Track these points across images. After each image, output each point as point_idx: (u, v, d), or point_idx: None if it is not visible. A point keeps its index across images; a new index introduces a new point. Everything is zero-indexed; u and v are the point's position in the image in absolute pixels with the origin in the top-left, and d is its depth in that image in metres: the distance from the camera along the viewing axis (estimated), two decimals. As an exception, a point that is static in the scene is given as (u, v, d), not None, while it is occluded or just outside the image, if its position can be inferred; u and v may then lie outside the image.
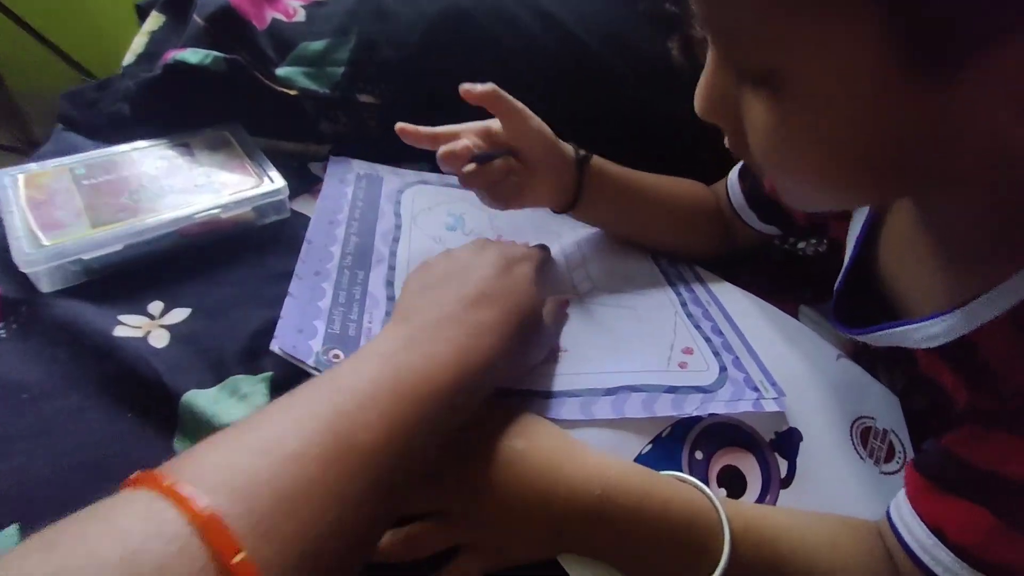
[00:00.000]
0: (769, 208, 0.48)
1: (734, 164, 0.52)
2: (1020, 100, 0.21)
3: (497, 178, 0.43)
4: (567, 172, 0.45)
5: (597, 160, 0.47)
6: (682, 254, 0.54)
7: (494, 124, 0.43)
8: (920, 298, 0.36)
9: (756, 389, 0.41)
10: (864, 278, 0.41)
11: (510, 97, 0.41)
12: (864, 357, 0.45)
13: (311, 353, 0.37)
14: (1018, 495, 0.27)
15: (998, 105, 0.21)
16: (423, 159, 0.57)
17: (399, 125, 0.43)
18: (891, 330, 0.36)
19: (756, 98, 0.26)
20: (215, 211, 0.44)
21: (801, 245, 0.56)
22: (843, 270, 0.41)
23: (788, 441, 0.40)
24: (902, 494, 0.33)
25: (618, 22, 0.55)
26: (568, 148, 0.46)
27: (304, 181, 0.53)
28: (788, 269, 0.53)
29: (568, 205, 0.47)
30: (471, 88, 0.40)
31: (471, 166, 0.42)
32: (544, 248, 0.46)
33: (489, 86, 0.40)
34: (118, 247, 0.41)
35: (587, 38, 0.46)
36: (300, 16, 0.54)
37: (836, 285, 0.42)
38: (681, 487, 0.33)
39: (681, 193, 0.52)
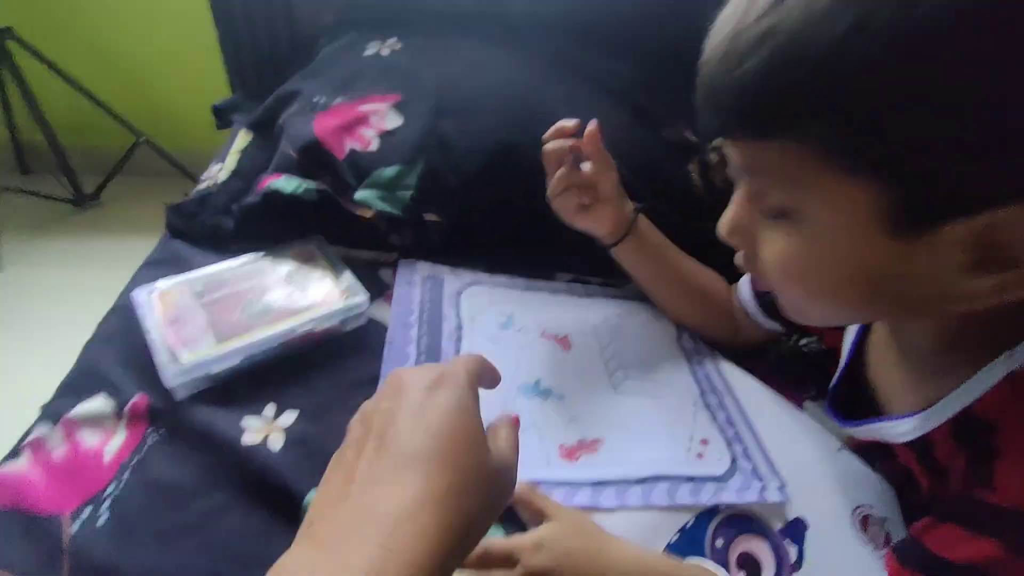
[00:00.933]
0: (772, 307, 0.56)
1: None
2: (966, 261, 0.28)
3: (573, 183, 0.52)
4: (624, 213, 0.56)
5: (647, 220, 0.58)
6: (696, 330, 0.62)
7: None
8: (896, 398, 0.44)
9: (761, 480, 0.49)
10: (856, 378, 0.49)
11: (609, 156, 0.53)
12: (863, 450, 0.53)
13: None
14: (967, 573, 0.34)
15: (950, 260, 0.29)
16: (479, 263, 0.66)
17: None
18: (873, 425, 0.44)
19: (774, 229, 0.34)
20: (311, 325, 0.53)
21: (804, 342, 0.64)
22: (838, 371, 0.50)
23: (796, 529, 0.48)
24: None
25: (648, 153, 0.65)
26: (629, 204, 0.57)
27: (375, 286, 0.62)
28: (794, 365, 0.61)
29: (617, 239, 0.56)
30: (580, 125, 0.51)
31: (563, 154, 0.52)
32: (481, 358, 0.35)
33: (595, 124, 0.51)
34: (239, 360, 0.50)
35: (626, 172, 0.55)
36: (374, 145, 0.64)
37: (832, 383, 0.50)
38: (707, 573, 0.41)
39: (705, 277, 0.61)
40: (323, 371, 0.53)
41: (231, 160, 0.69)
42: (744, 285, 0.59)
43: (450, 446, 0.26)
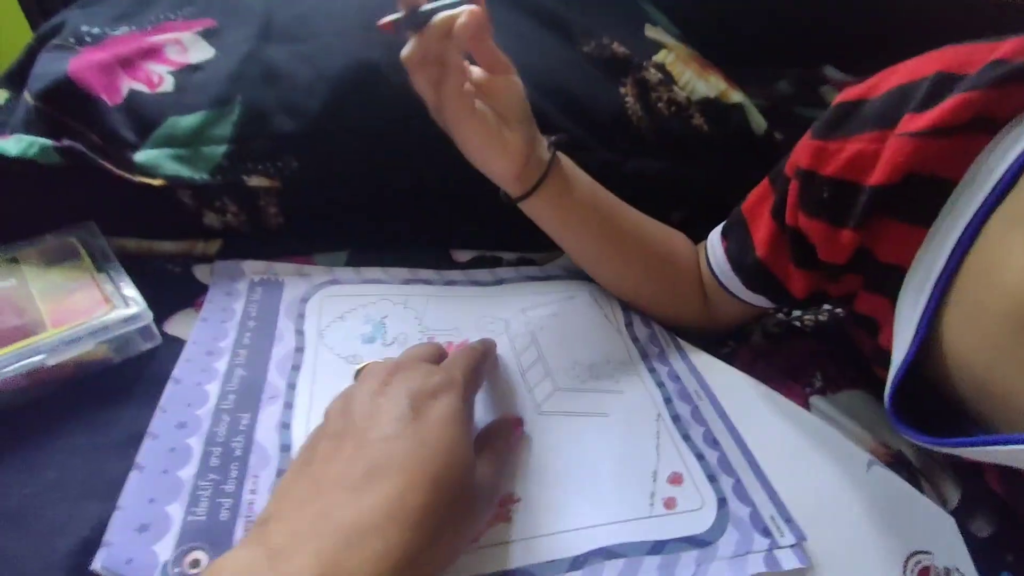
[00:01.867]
0: (757, 274, 0.40)
1: (711, 227, 0.44)
2: None
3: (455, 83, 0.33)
4: (538, 148, 0.38)
5: (568, 159, 0.40)
6: (653, 311, 0.45)
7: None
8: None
9: (767, 532, 0.31)
10: (918, 374, 0.32)
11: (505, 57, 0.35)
12: (904, 468, 0.36)
13: (154, 568, 0.26)
14: None
15: None
16: (345, 245, 0.47)
17: None
18: (1015, 447, 0.26)
19: None
20: (36, 359, 0.33)
21: (797, 314, 0.47)
22: (900, 365, 0.31)
23: (828, 607, 0.30)
24: None
25: (563, 72, 0.47)
26: (542, 136, 0.39)
27: (187, 292, 0.42)
28: (790, 348, 0.44)
29: (529, 187, 0.38)
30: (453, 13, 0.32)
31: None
32: (482, 348, 0.36)
33: (480, 11, 0.32)
34: None
35: (533, 93, 0.37)
36: (167, 85, 0.44)
37: (891, 379, 0.32)
38: None
39: (657, 232, 0.44)
40: (58, 436, 0.32)
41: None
42: (715, 243, 0.42)
43: (434, 462, 0.24)
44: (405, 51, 0.33)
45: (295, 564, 0.20)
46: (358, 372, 0.36)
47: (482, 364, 0.33)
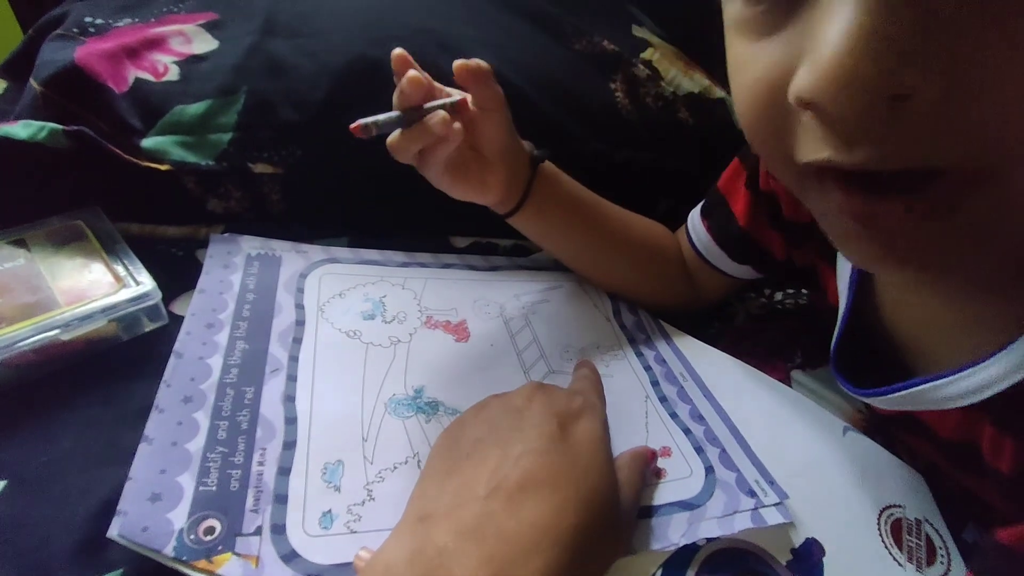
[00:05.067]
0: (742, 245, 0.42)
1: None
2: None
3: (444, 146, 0.34)
4: (521, 171, 0.39)
5: (552, 167, 0.41)
6: (641, 300, 0.47)
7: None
8: (941, 348, 0.31)
9: (752, 493, 0.34)
10: (862, 331, 0.35)
11: (500, 90, 0.35)
12: (876, 431, 0.39)
13: (170, 535, 0.27)
14: None
15: None
16: (343, 233, 0.48)
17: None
18: (913, 389, 0.30)
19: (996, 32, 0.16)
20: (51, 333, 0.33)
21: (779, 297, 0.50)
22: (840, 320, 0.35)
23: (808, 558, 0.32)
24: None
25: (555, 67, 0.49)
26: (526, 146, 0.40)
27: (190, 275, 0.43)
28: (771, 327, 0.46)
29: (513, 208, 0.40)
30: (465, 63, 0.33)
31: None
32: (592, 373, 0.37)
33: (485, 64, 0.34)
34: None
35: (527, 88, 0.39)
36: (172, 74, 0.45)
37: (833, 340, 0.36)
38: None
39: (640, 227, 0.46)
40: (74, 407, 0.33)
41: (-31, 115, 0.48)
42: (696, 224, 0.44)
43: (585, 482, 0.25)
44: (391, 140, 0.34)
45: (466, 566, 0.21)
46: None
47: (600, 383, 0.35)
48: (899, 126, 0.17)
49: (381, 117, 0.31)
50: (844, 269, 0.35)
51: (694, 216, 0.44)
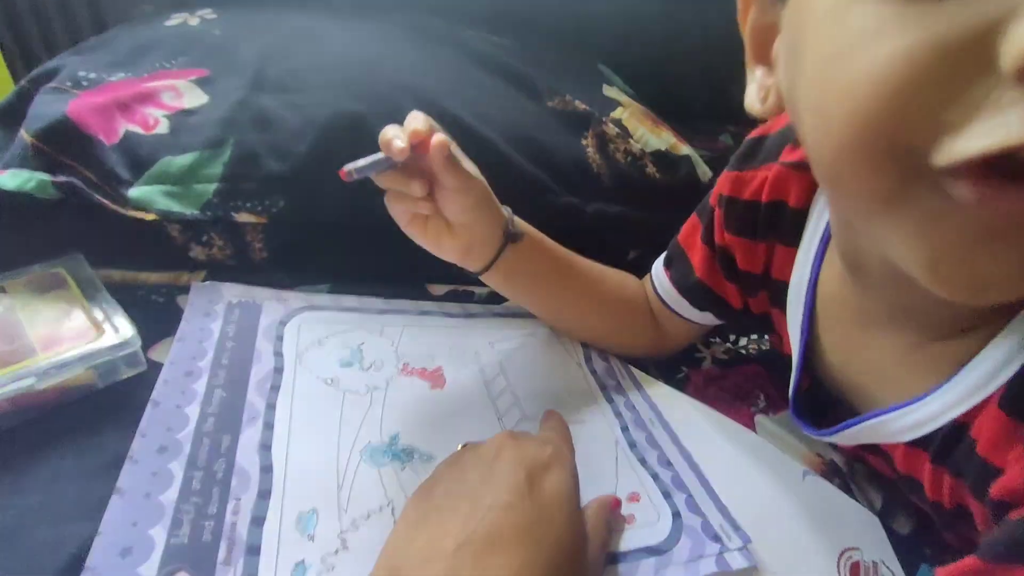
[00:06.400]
0: (701, 293, 0.44)
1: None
2: None
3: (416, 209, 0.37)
4: (491, 239, 0.40)
5: (528, 234, 0.42)
6: (611, 348, 0.49)
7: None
8: (888, 386, 0.33)
9: (717, 538, 0.34)
10: (817, 375, 0.37)
11: (463, 167, 0.36)
12: (835, 474, 0.40)
13: None
14: None
15: None
16: (326, 279, 0.49)
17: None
18: (863, 424, 0.32)
19: None
20: (26, 382, 0.34)
21: (743, 342, 0.52)
22: (795, 368, 0.37)
23: (773, 601, 0.33)
24: None
25: (530, 123, 0.52)
26: (505, 212, 0.41)
27: (170, 321, 0.43)
28: (735, 373, 0.48)
29: (480, 268, 0.41)
30: (418, 130, 0.34)
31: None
32: (560, 423, 0.39)
33: (442, 139, 0.34)
34: None
35: (501, 142, 0.41)
36: (162, 127, 0.47)
37: (791, 387, 0.38)
38: None
39: (611, 281, 0.48)
40: (45, 459, 0.33)
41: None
42: (660, 273, 0.46)
43: (550, 536, 0.26)
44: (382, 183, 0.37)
45: None
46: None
47: (570, 438, 0.37)
48: None
49: (366, 160, 0.34)
50: (795, 317, 0.37)
51: (657, 266, 0.47)
